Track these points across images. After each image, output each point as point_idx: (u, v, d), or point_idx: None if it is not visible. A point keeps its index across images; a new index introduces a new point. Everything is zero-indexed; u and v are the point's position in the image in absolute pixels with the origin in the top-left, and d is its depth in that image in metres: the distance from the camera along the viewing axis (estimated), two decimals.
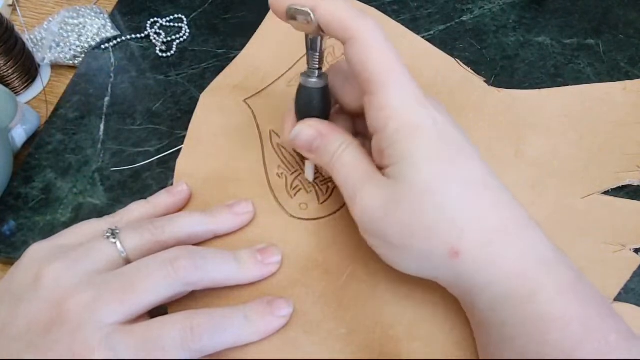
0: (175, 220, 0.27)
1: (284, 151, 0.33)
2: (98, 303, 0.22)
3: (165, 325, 0.23)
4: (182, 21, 0.42)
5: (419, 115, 0.23)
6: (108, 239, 0.25)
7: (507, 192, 0.23)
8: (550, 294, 0.21)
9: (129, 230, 0.26)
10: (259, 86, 0.36)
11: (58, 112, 0.37)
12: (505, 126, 0.33)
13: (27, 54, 0.40)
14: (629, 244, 0.29)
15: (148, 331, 0.22)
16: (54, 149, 0.35)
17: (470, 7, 0.41)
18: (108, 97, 0.38)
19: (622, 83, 0.36)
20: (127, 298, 0.23)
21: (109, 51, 0.40)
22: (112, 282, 0.23)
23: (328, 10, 0.23)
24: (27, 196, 0.33)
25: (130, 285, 0.23)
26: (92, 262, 0.24)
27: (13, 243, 0.31)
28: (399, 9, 0.41)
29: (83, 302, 0.22)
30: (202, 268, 0.25)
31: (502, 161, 0.32)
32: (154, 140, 0.35)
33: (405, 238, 0.23)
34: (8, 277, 0.25)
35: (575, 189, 0.31)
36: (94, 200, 0.33)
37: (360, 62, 0.23)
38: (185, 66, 0.39)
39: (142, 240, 0.26)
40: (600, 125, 0.33)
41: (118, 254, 0.25)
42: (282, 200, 0.31)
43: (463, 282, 0.23)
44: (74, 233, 0.27)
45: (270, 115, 0.35)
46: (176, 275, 0.24)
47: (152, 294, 0.23)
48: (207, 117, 0.35)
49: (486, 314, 0.22)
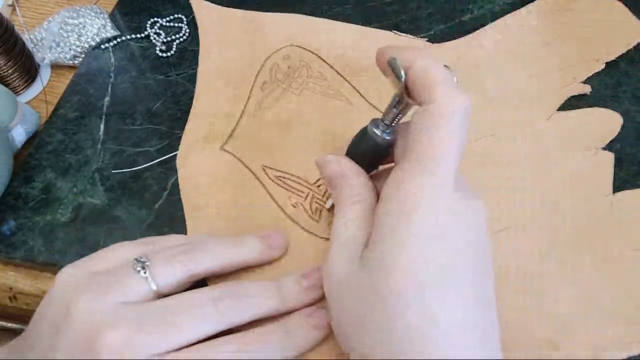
0: (208, 251, 0.26)
1: (286, 180, 0.32)
2: (134, 339, 0.21)
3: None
4: (182, 21, 0.42)
5: None
6: (139, 273, 0.24)
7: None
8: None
9: (161, 262, 0.24)
10: (228, 129, 0.34)
11: (58, 112, 0.37)
12: (463, 75, 0.35)
13: (27, 54, 0.40)
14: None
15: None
16: (54, 149, 0.35)
17: (470, 7, 0.41)
18: (108, 97, 0.38)
19: (526, 7, 0.39)
20: (167, 334, 0.22)
21: (109, 51, 0.40)
22: (151, 317, 0.22)
23: (420, 68, 0.21)
24: (27, 196, 0.33)
25: (172, 321, 0.22)
26: (122, 295, 0.23)
27: (13, 243, 0.31)
28: (399, 9, 0.41)
29: (118, 340, 0.21)
30: (246, 307, 0.24)
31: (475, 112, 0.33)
32: (154, 140, 0.35)
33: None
34: (44, 302, 0.24)
35: (540, 113, 0.33)
36: (94, 200, 0.33)
37: (420, 130, 0.21)
38: (185, 66, 0.39)
39: (175, 273, 0.24)
40: (530, 51, 0.37)
41: (149, 288, 0.24)
42: (310, 228, 0.30)
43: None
44: (106, 258, 0.25)
45: (253, 152, 0.33)
46: (221, 316, 0.23)
47: (192, 332, 0.22)
48: (194, 181, 0.32)
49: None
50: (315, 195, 0.31)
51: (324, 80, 0.36)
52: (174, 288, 0.25)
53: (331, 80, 0.36)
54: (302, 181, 0.32)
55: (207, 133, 0.34)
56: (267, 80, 0.37)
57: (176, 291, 0.25)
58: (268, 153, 0.33)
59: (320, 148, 0.33)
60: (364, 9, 0.41)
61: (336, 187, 0.26)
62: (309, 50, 0.38)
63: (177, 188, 0.33)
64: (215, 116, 0.35)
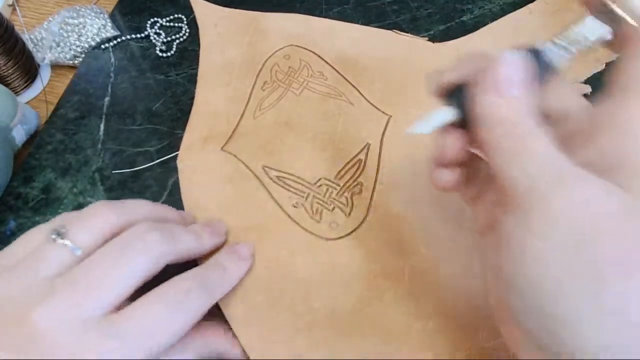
0: (134, 204, 0.25)
1: (286, 181, 0.32)
2: (72, 304, 0.20)
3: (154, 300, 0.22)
4: (182, 21, 0.42)
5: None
6: (55, 241, 0.22)
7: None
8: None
9: (76, 225, 0.23)
10: (229, 129, 0.34)
11: (58, 112, 0.37)
12: None
13: (27, 54, 0.40)
14: None
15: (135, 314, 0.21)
16: (54, 149, 0.35)
17: (470, 7, 0.41)
18: (108, 97, 0.38)
19: (527, 8, 0.39)
20: (104, 289, 0.21)
21: (109, 51, 0.40)
22: (79, 278, 0.21)
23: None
24: (27, 196, 0.33)
25: (104, 273, 0.21)
26: (44, 270, 0.21)
27: None
28: (399, 9, 0.41)
29: (50, 312, 0.20)
30: (171, 239, 0.24)
31: None
32: (154, 140, 0.35)
33: None
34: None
35: None
36: (94, 200, 0.33)
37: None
38: (185, 66, 0.39)
39: (98, 231, 0.23)
40: None
41: (71, 254, 0.22)
42: (311, 229, 0.30)
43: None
44: (19, 245, 0.23)
45: (254, 152, 0.33)
46: (150, 250, 0.22)
47: (129, 277, 0.21)
48: (194, 181, 0.33)
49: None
50: (316, 195, 0.31)
51: (325, 80, 0.36)
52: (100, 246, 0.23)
53: (331, 80, 0.36)
54: (303, 181, 0.32)
55: (208, 133, 0.34)
56: (268, 80, 0.37)
57: None
58: (268, 153, 0.33)
59: (320, 148, 0.33)
60: (364, 9, 0.41)
61: (517, 97, 0.18)
62: (309, 50, 0.38)
63: (177, 188, 0.33)
64: (216, 116, 0.35)
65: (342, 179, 0.32)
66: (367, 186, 0.31)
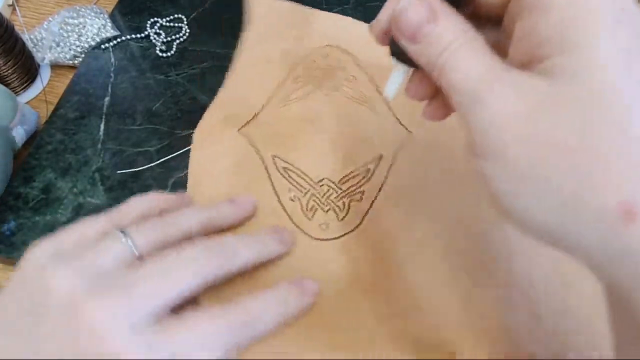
0: (184, 214, 0.26)
1: (291, 174, 0.32)
2: (126, 305, 0.21)
3: (203, 320, 0.22)
4: (182, 21, 0.42)
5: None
6: (116, 237, 0.23)
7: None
8: None
9: (137, 227, 0.24)
10: (250, 113, 0.35)
11: (58, 112, 0.37)
12: None
13: (27, 54, 0.40)
14: None
15: (185, 326, 0.22)
16: (54, 149, 0.35)
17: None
18: (108, 97, 0.38)
19: None
20: (156, 297, 0.21)
21: (109, 51, 0.40)
22: (139, 282, 0.21)
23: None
24: (27, 196, 0.33)
25: (161, 282, 0.22)
26: (102, 263, 0.22)
27: (13, 243, 0.31)
28: None
29: (106, 307, 0.20)
30: (231, 256, 0.24)
31: None
32: (154, 140, 0.35)
33: (557, 164, 0.15)
34: (10, 292, 0.22)
35: None
36: (94, 200, 0.33)
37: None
38: (185, 66, 0.39)
39: (156, 236, 0.24)
40: None
41: (130, 252, 0.23)
42: (301, 225, 0.30)
43: (629, 264, 0.15)
44: (75, 232, 0.24)
45: (268, 141, 0.33)
46: (204, 268, 0.23)
47: (182, 291, 0.22)
48: (205, 156, 0.33)
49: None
50: (315, 194, 0.31)
51: (356, 84, 0.36)
52: (154, 251, 0.24)
53: (362, 85, 0.36)
54: (306, 177, 0.32)
55: (229, 114, 0.35)
56: (301, 75, 0.37)
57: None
58: (281, 143, 0.33)
59: (333, 150, 0.33)
60: (364, 9, 0.41)
61: (428, 35, 0.18)
62: (348, 52, 0.38)
63: (177, 188, 0.33)
64: (242, 100, 0.36)
65: (345, 184, 0.32)
66: (368, 196, 0.31)
